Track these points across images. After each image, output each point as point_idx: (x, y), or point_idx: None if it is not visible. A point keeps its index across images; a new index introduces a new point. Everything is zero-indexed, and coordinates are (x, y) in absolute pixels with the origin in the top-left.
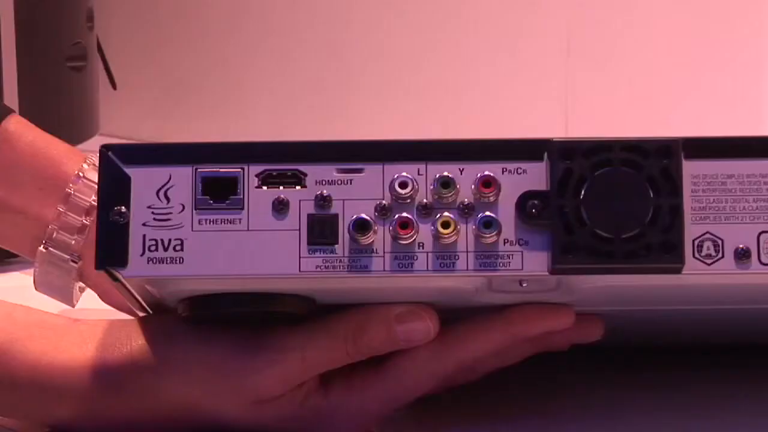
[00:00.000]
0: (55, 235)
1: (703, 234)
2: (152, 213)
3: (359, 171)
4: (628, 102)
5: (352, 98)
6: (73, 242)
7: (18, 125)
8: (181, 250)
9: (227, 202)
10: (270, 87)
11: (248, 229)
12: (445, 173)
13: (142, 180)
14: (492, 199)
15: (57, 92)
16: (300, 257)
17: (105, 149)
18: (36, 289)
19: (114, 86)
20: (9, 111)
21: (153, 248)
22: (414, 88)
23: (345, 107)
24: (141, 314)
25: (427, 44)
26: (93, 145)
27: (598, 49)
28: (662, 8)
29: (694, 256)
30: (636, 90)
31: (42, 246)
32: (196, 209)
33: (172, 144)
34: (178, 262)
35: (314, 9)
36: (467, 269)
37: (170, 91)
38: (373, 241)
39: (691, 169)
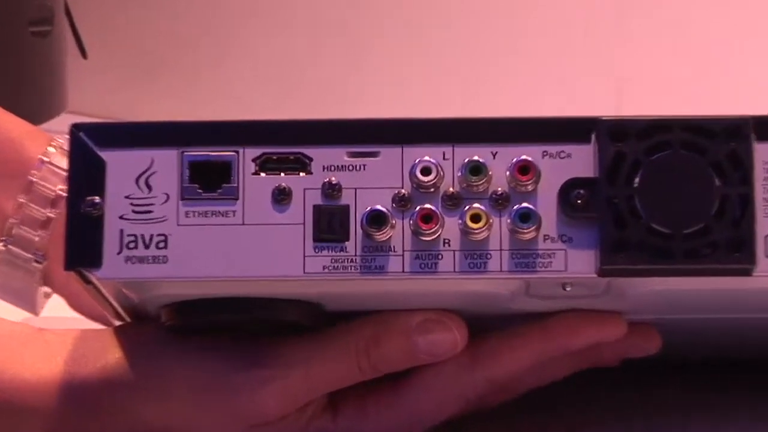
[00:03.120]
0: (15, 230)
1: None
2: (131, 204)
3: (374, 155)
4: (688, 79)
5: (363, 70)
6: (37, 239)
7: None
8: (165, 247)
9: (219, 191)
10: (263, 59)
11: (243, 223)
12: (476, 157)
13: (119, 165)
14: (530, 187)
15: (18, 62)
16: (304, 256)
17: (76, 129)
18: None
19: (84, 55)
20: None
21: (132, 245)
22: (439, 59)
23: (354, 82)
24: (117, 323)
25: (459, 12)
26: (60, 124)
27: (653, 21)
28: None
29: (767, 255)
30: (698, 65)
31: (0, 243)
32: (182, 199)
33: (154, 123)
34: (161, 261)
35: None
36: (501, 270)
37: (149, 62)
38: (390, 237)
39: (764, 153)
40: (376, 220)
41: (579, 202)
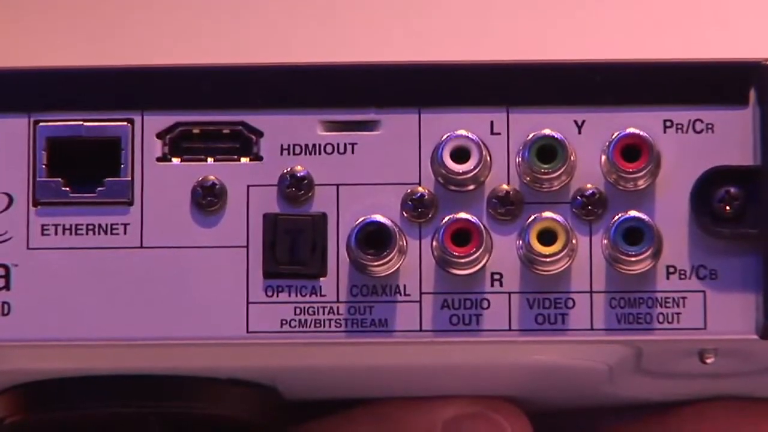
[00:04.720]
0: None
1: None
2: None
3: (370, 126)
4: None
5: None
6: None
7: None
8: (7, 287)
9: (100, 189)
10: None
11: (142, 246)
12: (547, 131)
13: None
14: (642, 183)
15: None
16: (248, 303)
17: None
18: None
19: None
20: None
21: None
22: None
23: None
24: None
25: None
26: None
27: None
28: None
29: None
30: None
31: None
32: (36, 204)
33: None
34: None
35: None
36: (591, 329)
37: None
38: (397, 269)
39: None
40: (374, 239)
41: (728, 209)
